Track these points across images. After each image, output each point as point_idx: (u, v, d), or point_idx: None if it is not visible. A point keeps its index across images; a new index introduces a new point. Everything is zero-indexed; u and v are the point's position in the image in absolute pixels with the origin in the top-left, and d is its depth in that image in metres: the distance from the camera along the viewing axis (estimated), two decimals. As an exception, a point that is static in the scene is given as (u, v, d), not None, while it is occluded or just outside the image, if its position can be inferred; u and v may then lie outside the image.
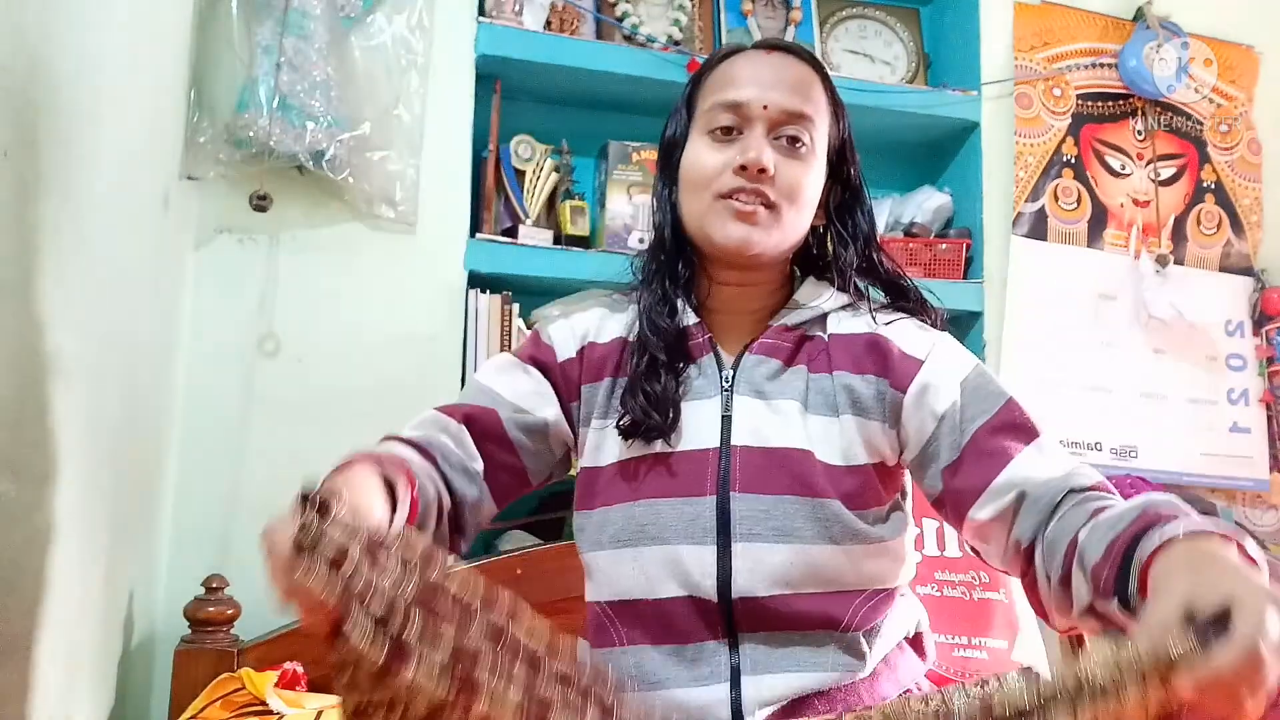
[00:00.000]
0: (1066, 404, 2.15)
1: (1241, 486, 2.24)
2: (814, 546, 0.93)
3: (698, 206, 0.99)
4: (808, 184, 1.00)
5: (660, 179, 1.06)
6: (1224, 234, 2.33)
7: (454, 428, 1.00)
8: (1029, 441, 0.91)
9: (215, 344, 1.69)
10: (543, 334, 1.07)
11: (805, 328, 1.02)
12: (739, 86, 0.99)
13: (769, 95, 0.98)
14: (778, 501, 0.94)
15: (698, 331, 1.03)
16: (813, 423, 0.97)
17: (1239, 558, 0.67)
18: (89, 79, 1.07)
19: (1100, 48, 2.27)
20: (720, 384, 1.00)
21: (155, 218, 1.46)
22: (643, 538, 0.95)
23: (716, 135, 0.99)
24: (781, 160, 0.97)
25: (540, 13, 1.97)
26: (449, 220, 1.83)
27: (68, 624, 1.08)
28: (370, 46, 1.78)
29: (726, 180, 0.97)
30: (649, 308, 1.02)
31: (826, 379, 0.99)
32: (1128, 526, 0.74)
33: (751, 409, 0.98)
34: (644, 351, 1.00)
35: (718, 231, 0.97)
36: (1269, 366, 2.27)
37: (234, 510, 1.66)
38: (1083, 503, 0.83)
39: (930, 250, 2.11)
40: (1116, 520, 0.76)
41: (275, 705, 1.33)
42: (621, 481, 0.99)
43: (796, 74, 1.01)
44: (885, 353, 0.99)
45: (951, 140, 2.24)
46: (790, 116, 0.98)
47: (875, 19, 2.30)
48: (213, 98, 1.65)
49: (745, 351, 1.01)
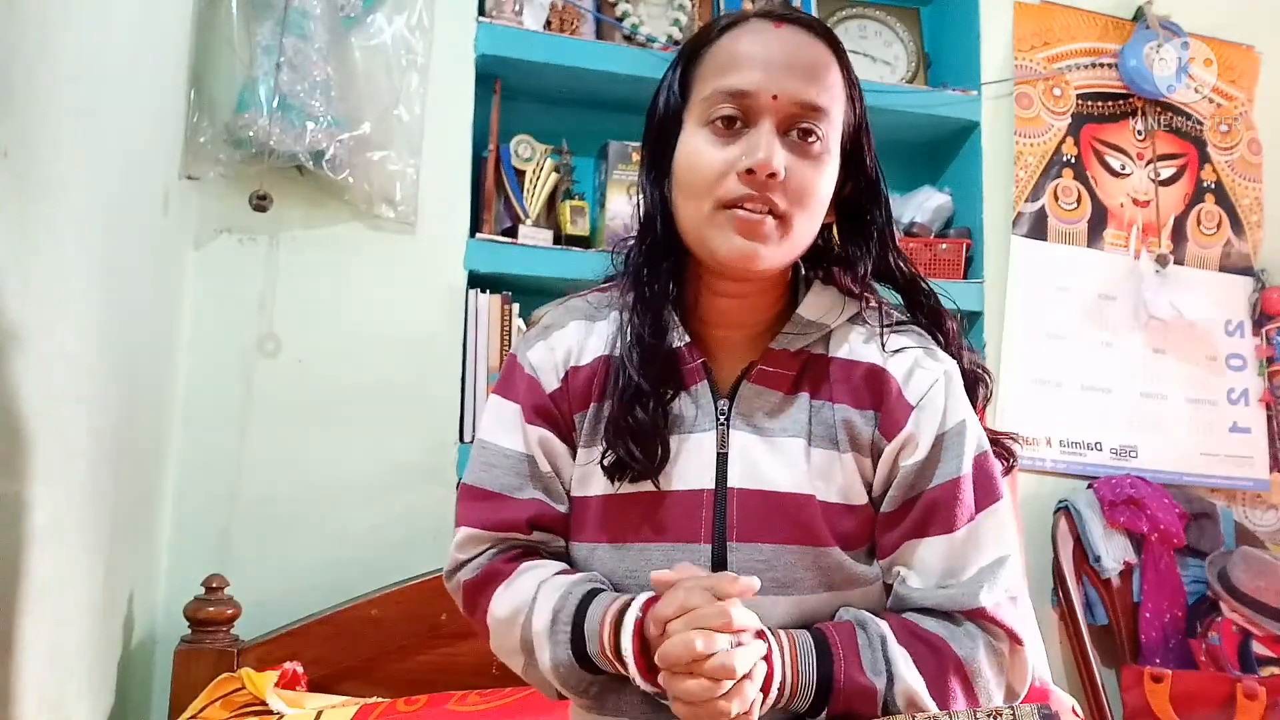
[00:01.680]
0: (1066, 404, 2.15)
1: (1241, 486, 2.24)
2: (813, 596, 0.87)
3: (696, 213, 0.87)
4: (820, 186, 0.88)
5: (650, 169, 0.94)
6: (1224, 234, 2.33)
7: (528, 540, 0.94)
8: (947, 531, 0.86)
9: (215, 344, 1.69)
10: (525, 365, 0.96)
11: (808, 347, 0.93)
12: (744, 70, 0.86)
13: (780, 83, 0.85)
14: (778, 551, 0.87)
15: (689, 355, 0.92)
16: (816, 458, 0.89)
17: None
18: (89, 79, 1.07)
19: (1100, 48, 2.27)
20: (715, 416, 0.91)
21: (155, 218, 1.46)
22: (633, 585, 0.88)
23: (717, 128, 0.86)
24: (793, 160, 0.86)
25: (540, 13, 1.97)
26: (449, 220, 1.83)
27: (68, 624, 1.08)
28: (370, 46, 1.77)
29: (731, 186, 0.85)
30: (632, 322, 0.91)
31: (828, 409, 0.91)
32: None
33: (749, 446, 0.89)
34: (627, 377, 0.90)
35: (721, 246, 0.86)
36: (1269, 366, 2.27)
37: (234, 510, 1.67)
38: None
39: (930, 250, 2.11)
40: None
41: (275, 705, 1.33)
42: (609, 520, 0.91)
43: (811, 55, 0.88)
44: (884, 390, 0.91)
45: (951, 140, 2.24)
46: (803, 109, 0.86)
47: (875, 19, 2.30)
48: (213, 98, 1.65)
49: (743, 378, 0.92)
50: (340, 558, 1.69)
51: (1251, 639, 1.96)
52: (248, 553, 1.66)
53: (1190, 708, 1.87)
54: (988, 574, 0.86)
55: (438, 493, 1.74)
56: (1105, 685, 1.92)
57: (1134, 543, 2.06)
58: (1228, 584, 1.97)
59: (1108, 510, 2.04)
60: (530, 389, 0.95)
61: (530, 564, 0.91)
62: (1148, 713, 1.89)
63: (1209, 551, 2.08)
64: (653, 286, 0.91)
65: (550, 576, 0.89)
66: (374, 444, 1.74)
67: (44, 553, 0.98)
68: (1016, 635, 0.86)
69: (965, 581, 0.86)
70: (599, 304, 0.98)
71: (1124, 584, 2.06)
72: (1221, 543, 2.10)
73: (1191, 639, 2.01)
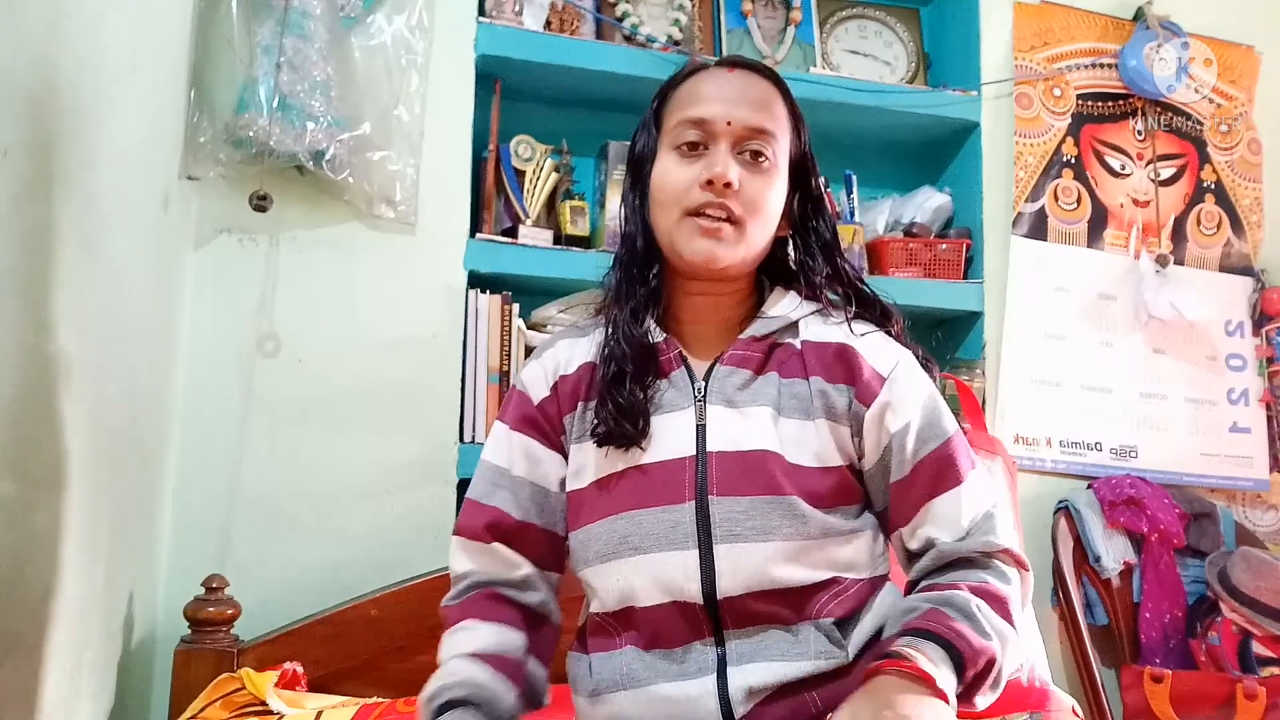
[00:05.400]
0: (1066, 404, 2.15)
1: (1241, 486, 2.24)
2: (790, 543, 0.96)
3: (666, 222, 1.04)
4: (770, 197, 1.04)
5: (631, 192, 1.10)
6: (1224, 234, 2.33)
7: (485, 551, 1.05)
8: (957, 484, 1.00)
9: (215, 344, 1.69)
10: (517, 385, 1.11)
11: (775, 336, 1.06)
12: (704, 103, 1.04)
13: (733, 112, 1.03)
14: (754, 502, 0.97)
15: (667, 347, 1.06)
16: (785, 426, 1.01)
17: (910, 689, 0.84)
18: (89, 79, 1.07)
19: (1100, 48, 2.27)
20: (693, 395, 1.03)
21: (155, 218, 1.46)
22: (625, 549, 0.98)
23: (683, 151, 1.03)
24: (745, 175, 1.02)
25: (540, 13, 1.97)
26: (449, 220, 1.83)
27: (68, 624, 1.08)
28: (370, 46, 1.77)
29: (694, 196, 1.01)
30: (617, 320, 1.06)
31: (802, 384, 1.03)
32: (897, 631, 0.93)
33: (724, 417, 1.01)
34: (612, 363, 1.04)
35: (685, 247, 1.02)
36: (1269, 366, 2.27)
37: (234, 510, 1.67)
38: (940, 578, 0.98)
39: (930, 250, 2.11)
40: (904, 614, 0.96)
41: (275, 705, 1.33)
42: (601, 497, 1.02)
43: (758, 91, 1.06)
44: (854, 365, 1.03)
45: (951, 140, 2.24)
46: (753, 132, 1.03)
47: (875, 19, 2.30)
48: (213, 98, 1.65)
49: (716, 363, 1.05)
50: (340, 558, 1.69)
51: (1251, 639, 1.96)
52: (248, 553, 1.66)
53: (1190, 708, 1.87)
54: (994, 519, 1.00)
55: (438, 493, 1.74)
56: (1105, 685, 1.92)
57: (1134, 543, 2.06)
58: (1228, 584, 1.97)
59: (1108, 510, 2.04)
60: (520, 403, 1.09)
61: (464, 624, 1.02)
62: (1148, 713, 1.89)
63: (1209, 551, 2.08)
64: (635, 286, 1.06)
65: (451, 658, 1.00)
66: (374, 444, 1.74)
67: (44, 553, 0.98)
68: (1025, 562, 1.00)
69: (983, 527, 0.99)
70: (585, 326, 1.14)
71: (1124, 584, 2.06)
72: (1221, 543, 2.10)
73: (1191, 639, 2.01)
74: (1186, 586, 2.06)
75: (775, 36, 2.20)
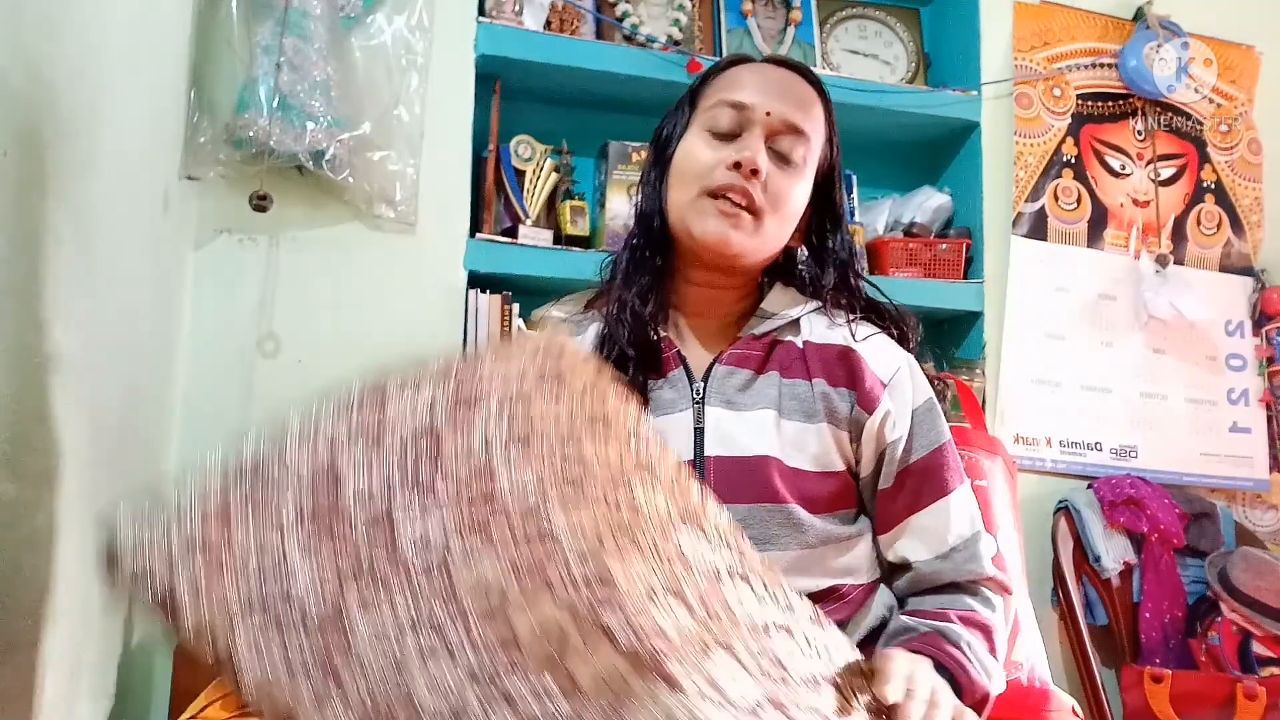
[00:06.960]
0: (1066, 404, 2.15)
1: (1241, 486, 2.24)
2: (789, 553, 0.95)
3: (683, 198, 1.01)
4: (794, 196, 1.02)
5: (652, 170, 1.07)
6: (1224, 234, 2.33)
7: None
8: (942, 496, 0.99)
9: (215, 344, 1.69)
10: None
11: (775, 334, 1.05)
12: (745, 89, 1.02)
13: (773, 103, 1.01)
14: (752, 510, 0.95)
15: (666, 346, 1.04)
16: (786, 429, 0.99)
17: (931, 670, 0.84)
18: (89, 79, 1.07)
19: (1100, 48, 2.27)
20: (691, 397, 1.01)
21: (155, 218, 1.46)
22: None
23: (715, 133, 1.01)
24: (774, 168, 1.00)
25: (540, 13, 1.97)
26: (449, 220, 1.83)
27: (68, 624, 1.08)
28: (370, 46, 1.77)
29: (718, 176, 0.99)
30: (623, 299, 1.03)
31: (805, 385, 1.01)
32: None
33: (722, 419, 0.99)
34: (613, 345, 1.02)
35: (697, 225, 0.99)
36: (1269, 366, 2.27)
37: (234, 510, 1.66)
38: (926, 602, 0.98)
39: (930, 250, 2.11)
40: (897, 634, 0.96)
41: (275, 705, 1.33)
42: None
43: (801, 91, 1.04)
44: (857, 370, 1.02)
45: (951, 140, 2.24)
46: (789, 128, 1.01)
47: (875, 19, 2.30)
48: (213, 98, 1.65)
49: (715, 363, 1.03)
50: (340, 558, 1.69)
51: (1251, 639, 1.96)
52: (248, 553, 1.65)
53: (1190, 708, 1.87)
54: (978, 543, 1.00)
55: (438, 493, 1.74)
56: (1105, 685, 1.92)
57: (1134, 543, 2.06)
58: (1228, 584, 1.97)
59: (1108, 510, 2.04)
60: None
61: None
62: (1148, 713, 1.89)
63: (1209, 551, 2.08)
64: (643, 268, 1.04)
65: None
66: (374, 444, 1.73)
67: (44, 553, 0.98)
68: (1008, 586, 1.01)
69: (967, 551, 0.99)
70: (582, 321, 1.11)
71: (1124, 584, 2.06)
72: (1221, 543, 2.10)
73: (1191, 639, 2.01)
74: (1186, 586, 2.06)
75: (775, 36, 2.20)
